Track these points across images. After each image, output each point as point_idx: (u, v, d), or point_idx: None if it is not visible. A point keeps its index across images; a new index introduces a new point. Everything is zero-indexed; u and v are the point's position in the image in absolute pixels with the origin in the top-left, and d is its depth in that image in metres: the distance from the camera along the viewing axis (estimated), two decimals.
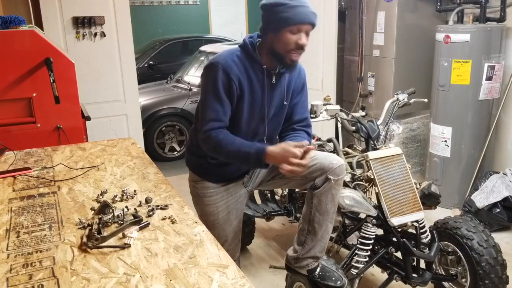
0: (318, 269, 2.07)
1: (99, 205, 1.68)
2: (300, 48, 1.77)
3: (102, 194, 1.82)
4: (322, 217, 1.97)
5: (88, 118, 3.05)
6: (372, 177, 2.28)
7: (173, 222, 1.57)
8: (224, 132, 1.82)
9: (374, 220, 2.29)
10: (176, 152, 5.53)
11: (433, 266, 2.42)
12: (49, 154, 2.37)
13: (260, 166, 1.90)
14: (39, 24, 3.69)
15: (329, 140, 2.74)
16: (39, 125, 2.75)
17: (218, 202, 2.02)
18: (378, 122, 2.69)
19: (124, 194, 1.80)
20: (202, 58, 6.06)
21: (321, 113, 2.75)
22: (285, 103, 1.92)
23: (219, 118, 1.81)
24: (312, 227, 1.99)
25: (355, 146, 2.85)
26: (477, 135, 3.70)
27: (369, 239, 2.30)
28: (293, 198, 2.99)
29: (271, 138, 2.04)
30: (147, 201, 1.74)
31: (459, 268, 2.45)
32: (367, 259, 2.33)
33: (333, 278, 2.06)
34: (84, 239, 1.44)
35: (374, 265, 2.42)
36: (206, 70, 1.84)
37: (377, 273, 2.76)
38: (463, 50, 3.54)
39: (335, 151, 2.65)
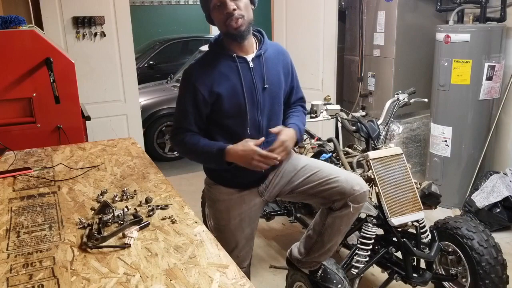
0: (320, 271, 2.07)
1: (99, 205, 1.68)
2: (230, 15, 1.72)
3: (102, 194, 1.82)
4: (333, 234, 1.94)
5: (88, 118, 3.05)
6: (373, 177, 2.28)
7: (173, 222, 1.57)
8: (190, 135, 1.83)
9: (374, 220, 2.29)
10: (176, 152, 5.52)
11: (433, 266, 2.42)
12: (49, 154, 2.37)
13: (221, 164, 1.80)
14: (39, 24, 3.70)
15: (329, 140, 2.74)
16: (39, 125, 2.75)
17: (230, 208, 1.95)
18: (379, 122, 2.68)
19: (124, 194, 1.80)
20: None
21: (321, 113, 2.75)
22: (265, 86, 1.83)
23: (183, 125, 1.83)
24: (320, 239, 1.97)
25: (355, 146, 2.85)
26: (477, 135, 3.70)
27: (370, 239, 2.30)
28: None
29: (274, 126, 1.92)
30: (147, 201, 1.74)
31: (459, 268, 2.45)
32: (367, 259, 2.33)
33: (334, 281, 2.06)
34: (84, 239, 1.44)
35: (374, 265, 2.42)
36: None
37: (377, 273, 2.76)
38: (463, 50, 3.54)
39: (335, 150, 2.65)
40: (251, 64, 1.82)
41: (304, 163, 1.95)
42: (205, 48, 6.29)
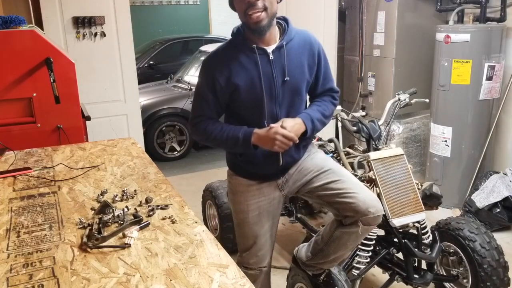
0: (323, 275, 2.06)
1: (99, 205, 1.67)
2: (252, 4, 1.67)
3: (102, 194, 1.82)
4: (339, 247, 1.93)
5: (88, 118, 3.04)
6: (374, 177, 2.27)
7: (173, 222, 1.57)
8: (212, 122, 1.83)
9: None
10: (176, 152, 5.52)
11: (435, 266, 2.42)
12: (49, 154, 2.37)
13: (248, 147, 1.79)
14: (39, 24, 3.69)
15: (330, 141, 2.73)
16: (39, 125, 2.74)
17: (249, 200, 1.95)
18: (379, 122, 2.68)
19: (124, 194, 1.79)
20: (202, 58, 6.06)
21: None
22: (286, 78, 1.79)
23: (204, 113, 1.83)
24: (326, 249, 1.96)
25: (356, 146, 2.85)
26: (477, 135, 3.69)
27: (371, 240, 2.29)
28: (294, 199, 2.99)
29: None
30: (147, 201, 1.74)
31: (461, 269, 2.45)
32: (368, 260, 2.32)
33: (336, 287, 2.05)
34: (84, 239, 1.44)
35: (375, 265, 2.42)
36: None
37: (378, 274, 2.75)
38: (463, 50, 3.54)
39: (336, 151, 2.65)
40: (271, 56, 1.79)
41: (329, 167, 1.92)
42: (205, 48, 6.30)
